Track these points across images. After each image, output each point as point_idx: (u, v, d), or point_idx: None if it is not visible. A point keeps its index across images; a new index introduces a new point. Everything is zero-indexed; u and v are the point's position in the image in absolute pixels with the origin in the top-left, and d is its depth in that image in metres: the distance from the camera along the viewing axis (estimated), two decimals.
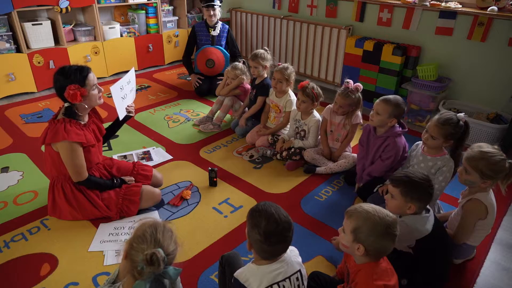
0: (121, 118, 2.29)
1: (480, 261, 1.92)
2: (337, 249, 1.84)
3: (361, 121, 2.61)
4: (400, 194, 1.58)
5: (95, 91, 1.99)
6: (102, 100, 2.07)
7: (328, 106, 2.64)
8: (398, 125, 2.20)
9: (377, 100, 2.19)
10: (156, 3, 4.49)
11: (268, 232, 1.21)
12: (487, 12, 2.92)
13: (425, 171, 2.00)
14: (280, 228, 1.22)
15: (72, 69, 1.90)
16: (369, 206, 1.32)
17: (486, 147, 1.72)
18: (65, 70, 1.90)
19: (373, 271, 1.30)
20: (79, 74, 1.90)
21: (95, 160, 2.12)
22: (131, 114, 2.35)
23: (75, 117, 1.95)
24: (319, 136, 2.74)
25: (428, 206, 1.65)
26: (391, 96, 2.17)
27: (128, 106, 2.33)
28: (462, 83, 3.31)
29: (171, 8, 4.82)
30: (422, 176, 1.59)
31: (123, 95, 2.25)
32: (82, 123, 2.00)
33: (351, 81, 2.47)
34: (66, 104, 1.94)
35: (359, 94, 2.48)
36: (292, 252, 1.36)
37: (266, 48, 3.08)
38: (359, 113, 2.58)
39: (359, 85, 2.45)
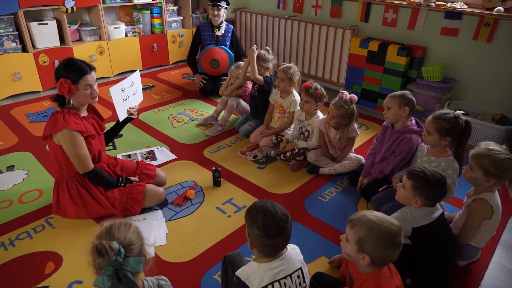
0: (120, 119, 2.28)
1: (484, 263, 1.91)
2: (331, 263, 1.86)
3: (358, 133, 2.61)
4: (411, 187, 1.61)
5: (87, 91, 1.97)
6: (96, 100, 2.05)
7: (322, 118, 2.64)
8: (415, 123, 2.20)
9: (385, 99, 2.23)
10: (161, 3, 4.51)
11: (266, 225, 1.23)
12: (493, 12, 2.90)
13: None
14: (278, 220, 1.23)
15: (75, 65, 1.92)
16: (372, 215, 1.29)
17: (493, 145, 1.73)
18: (69, 63, 1.93)
19: (380, 281, 1.29)
20: (78, 72, 1.91)
21: (96, 153, 2.11)
22: (132, 117, 2.33)
23: (65, 105, 1.97)
24: (320, 140, 2.73)
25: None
26: (396, 92, 2.23)
27: (130, 108, 2.32)
28: (467, 84, 3.29)
29: (175, 8, 4.83)
30: (438, 176, 1.59)
31: (125, 96, 2.24)
32: (82, 115, 2.01)
33: (346, 92, 2.46)
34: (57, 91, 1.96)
35: (354, 106, 2.47)
36: (293, 250, 1.36)
37: (268, 48, 3.08)
38: (355, 126, 2.56)
39: (354, 97, 2.43)
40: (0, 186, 2.42)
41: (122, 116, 2.28)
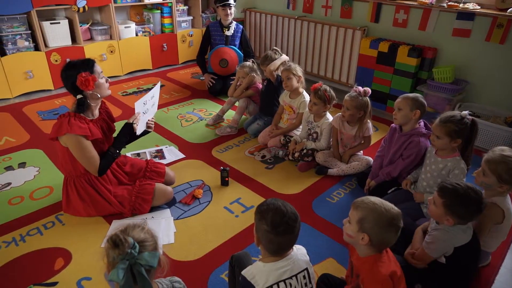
0: (138, 132, 2.19)
1: (495, 268, 1.88)
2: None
3: (371, 132, 2.60)
4: (442, 205, 1.53)
5: (103, 80, 2.02)
6: (110, 91, 2.10)
7: (337, 114, 2.63)
8: (423, 126, 2.18)
9: (397, 99, 2.21)
10: (171, 2, 4.53)
11: (275, 222, 1.23)
12: (507, 13, 2.86)
13: (436, 172, 1.99)
14: (287, 219, 1.24)
15: (79, 62, 1.95)
16: (375, 199, 1.34)
17: (509, 151, 1.68)
18: (72, 63, 1.94)
19: (376, 264, 1.31)
20: (86, 64, 1.94)
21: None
22: (149, 130, 2.29)
23: (86, 109, 1.99)
24: (331, 139, 2.72)
25: None
26: (408, 93, 2.21)
27: (148, 121, 2.28)
28: (479, 85, 3.24)
29: (185, 7, 4.86)
30: (472, 194, 1.49)
31: (145, 109, 2.21)
32: (89, 118, 2.02)
33: (359, 87, 2.47)
34: (78, 96, 1.96)
35: (367, 98, 2.47)
36: (299, 251, 1.36)
37: (276, 48, 3.12)
38: (370, 125, 2.56)
39: (367, 89, 2.45)
40: (12, 182, 2.46)
41: (140, 129, 2.21)
